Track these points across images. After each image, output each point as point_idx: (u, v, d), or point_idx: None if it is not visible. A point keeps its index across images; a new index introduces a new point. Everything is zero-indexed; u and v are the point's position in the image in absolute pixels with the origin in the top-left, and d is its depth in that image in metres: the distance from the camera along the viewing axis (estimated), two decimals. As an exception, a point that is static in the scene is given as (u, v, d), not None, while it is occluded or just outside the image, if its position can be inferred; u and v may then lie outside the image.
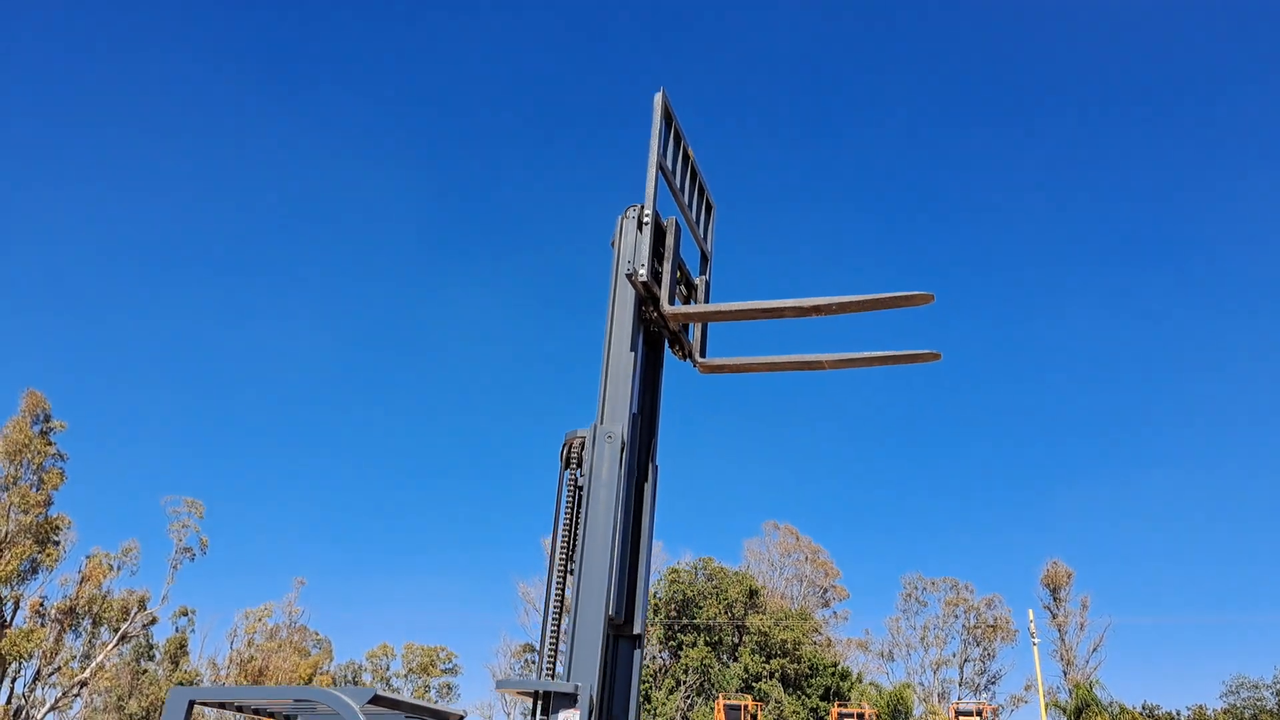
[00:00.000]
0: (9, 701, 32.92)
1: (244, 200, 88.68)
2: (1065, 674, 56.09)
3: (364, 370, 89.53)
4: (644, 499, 4.55)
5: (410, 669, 57.30)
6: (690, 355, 4.93)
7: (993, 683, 61.24)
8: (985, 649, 60.54)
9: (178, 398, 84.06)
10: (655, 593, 51.77)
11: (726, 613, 49.93)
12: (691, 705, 46.65)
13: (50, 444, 34.86)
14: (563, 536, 4.14)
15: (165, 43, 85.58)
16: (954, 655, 60.53)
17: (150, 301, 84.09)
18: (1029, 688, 57.30)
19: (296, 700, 5.71)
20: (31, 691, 34.23)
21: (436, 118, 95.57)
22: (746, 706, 37.30)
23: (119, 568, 36.02)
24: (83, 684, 34.97)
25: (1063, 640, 57.87)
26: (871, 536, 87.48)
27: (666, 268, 4.58)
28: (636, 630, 4.41)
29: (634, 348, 4.37)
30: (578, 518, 4.15)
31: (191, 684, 41.05)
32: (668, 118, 4.58)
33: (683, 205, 4.98)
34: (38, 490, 33.91)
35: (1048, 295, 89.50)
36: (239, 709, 5.98)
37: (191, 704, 5.39)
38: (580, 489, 4.16)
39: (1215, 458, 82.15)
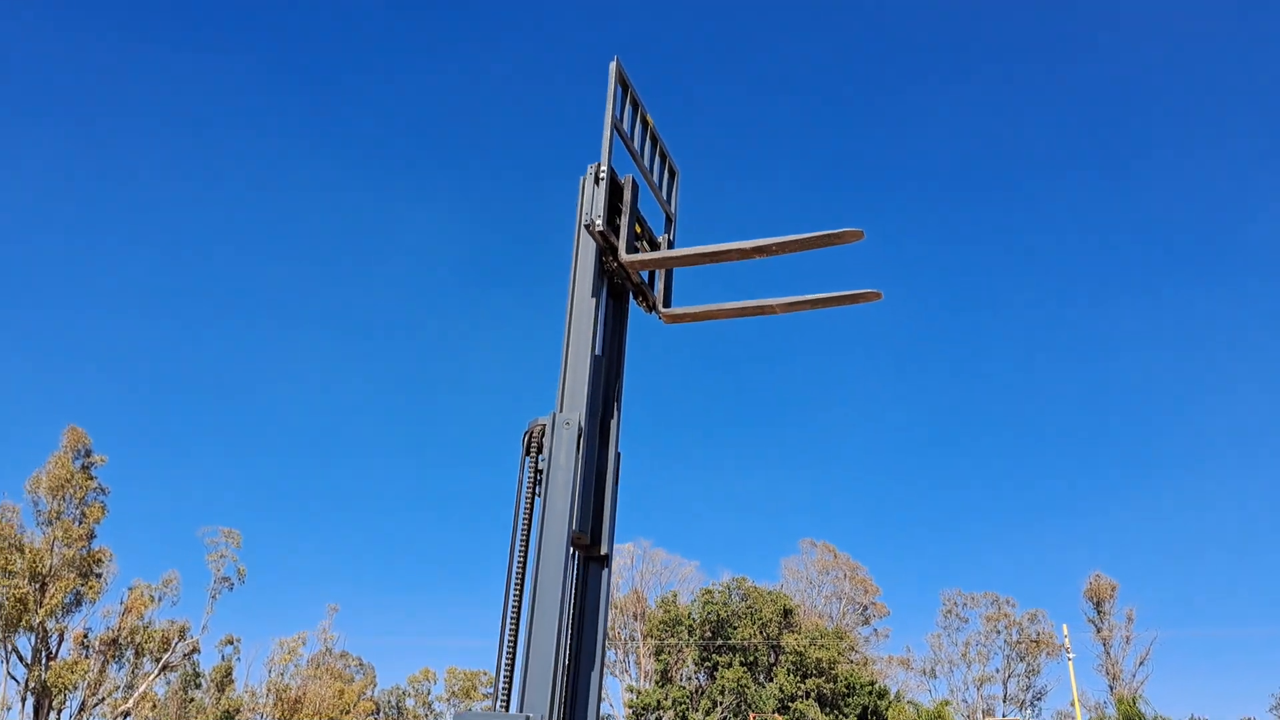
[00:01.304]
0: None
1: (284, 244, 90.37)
2: (1111, 688, 55.08)
3: (397, 404, 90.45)
4: (609, 435, 4.75)
5: (453, 693, 57.61)
6: (654, 307, 5.21)
7: (1038, 698, 60.22)
8: (1029, 664, 59.59)
9: (212, 428, 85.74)
10: (690, 614, 51.69)
11: (761, 633, 49.73)
12: (729, 726, 46.50)
13: (91, 478, 35.71)
14: (523, 521, 4.26)
15: (196, 91, 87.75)
16: (997, 671, 59.68)
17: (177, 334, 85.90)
18: (1074, 703, 56.39)
19: None
20: (77, 722, 35.00)
21: (476, 160, 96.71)
22: (779, 726, 37.11)
23: (160, 599, 36.78)
24: (126, 714, 35.69)
25: (1108, 654, 56.84)
26: (910, 553, 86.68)
27: (624, 221, 4.86)
28: (603, 550, 4.57)
29: (595, 294, 4.66)
30: (534, 503, 4.32)
31: (233, 714, 41.70)
32: (623, 84, 4.90)
33: (643, 168, 5.31)
34: (80, 524, 34.76)
35: (1089, 302, 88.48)
36: None
37: None
38: (540, 472, 4.33)
39: (1262, 468, 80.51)
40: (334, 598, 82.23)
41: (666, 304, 5.25)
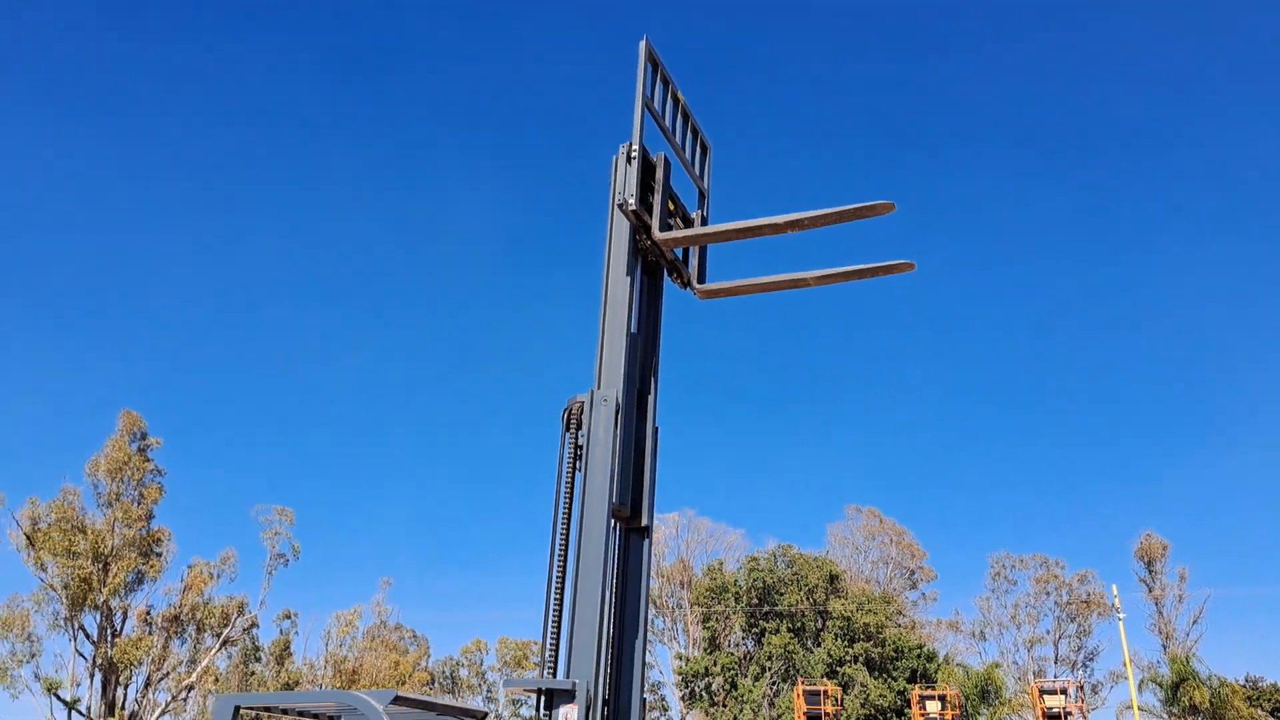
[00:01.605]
0: (124, 706, 34.80)
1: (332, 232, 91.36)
2: (1164, 648, 54.73)
3: (445, 381, 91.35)
4: (646, 409, 4.90)
5: (504, 662, 58.47)
6: (689, 283, 5.32)
7: (1090, 659, 60.03)
8: (1080, 625, 59.34)
9: (263, 409, 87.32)
10: (736, 581, 52.04)
11: (808, 599, 49.96)
12: (778, 692, 46.87)
13: (148, 460, 36.64)
14: (564, 495, 4.39)
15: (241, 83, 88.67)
16: (1048, 633, 59.49)
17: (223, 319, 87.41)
18: (1126, 663, 56.17)
19: (330, 703, 6.11)
20: (144, 696, 36.10)
21: (516, 141, 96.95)
22: (826, 691, 37.37)
23: (218, 576, 37.71)
24: (190, 688, 36.77)
25: (1160, 614, 56.46)
26: (957, 517, 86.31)
27: (656, 199, 4.94)
28: (644, 522, 4.71)
29: (629, 272, 4.76)
30: (574, 478, 4.46)
31: (293, 686, 42.75)
32: (653, 62, 4.95)
33: (675, 145, 5.35)
34: (138, 505, 35.71)
35: (1142, 254, 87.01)
36: (284, 712, 6.43)
37: (237, 709, 5.80)
38: (580, 448, 4.47)
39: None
40: (387, 572, 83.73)
41: (701, 280, 5.34)
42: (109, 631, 34.57)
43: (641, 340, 5.02)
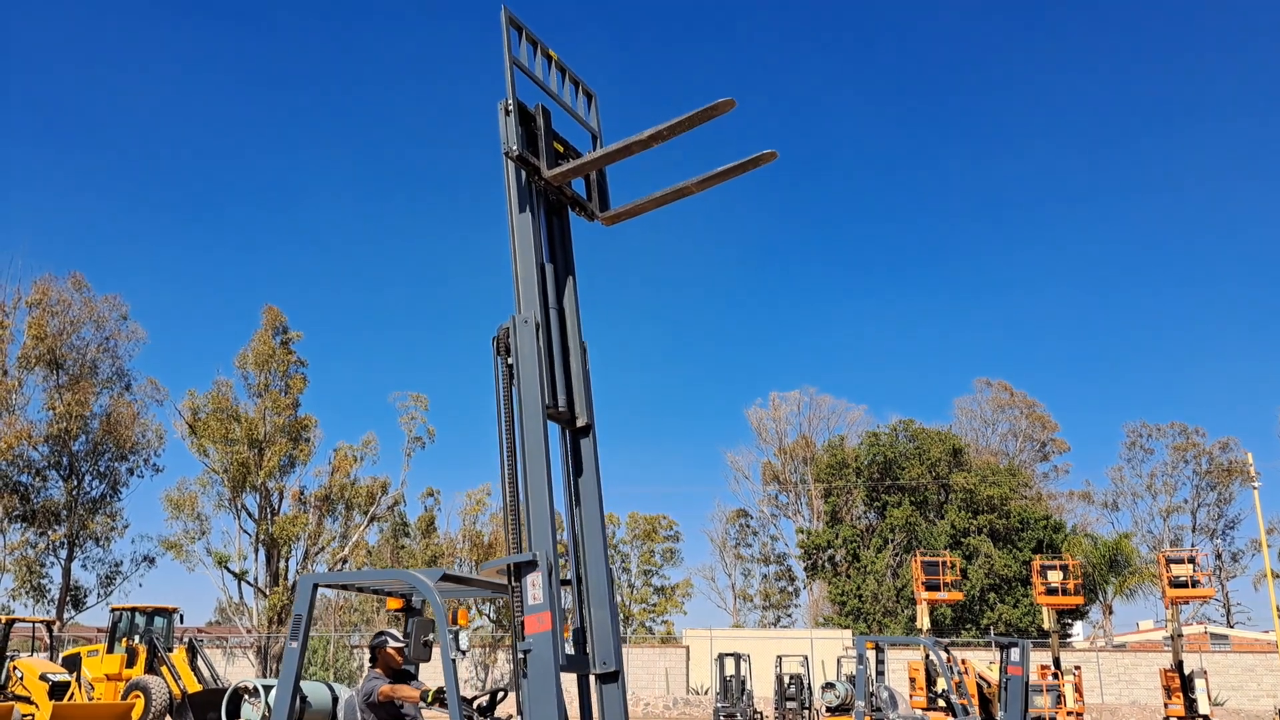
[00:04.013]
0: (286, 576, 38.17)
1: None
2: (1312, 516, 52.96)
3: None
4: (566, 326, 5.52)
5: (635, 535, 60.83)
6: (594, 214, 5.91)
7: (1230, 527, 58.61)
8: (1220, 493, 57.81)
9: (394, 303, 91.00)
10: (856, 455, 52.49)
11: (930, 472, 50.10)
12: (900, 563, 47.64)
13: (291, 353, 39.05)
14: (504, 416, 5.07)
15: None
16: (1185, 502, 58.19)
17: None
18: (1272, 531, 54.57)
19: (394, 581, 6.86)
20: (304, 568, 39.42)
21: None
22: (946, 561, 37.84)
23: (361, 458, 40.27)
24: (344, 560, 39.92)
25: (1307, 481, 54.44)
26: (1091, 388, 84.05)
27: (541, 144, 5.50)
28: (582, 422, 5.35)
29: (525, 209, 5.40)
30: (511, 397, 5.15)
31: (436, 559, 45.76)
32: (516, 26, 5.57)
33: (554, 95, 5.92)
34: (285, 395, 38.31)
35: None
36: (360, 590, 7.32)
37: (315, 587, 6.66)
38: (510, 366, 5.14)
39: None
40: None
41: (603, 209, 5.89)
42: (268, 510, 37.63)
43: (554, 268, 5.60)
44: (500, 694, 6.71)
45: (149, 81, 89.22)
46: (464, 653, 5.88)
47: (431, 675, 8.60)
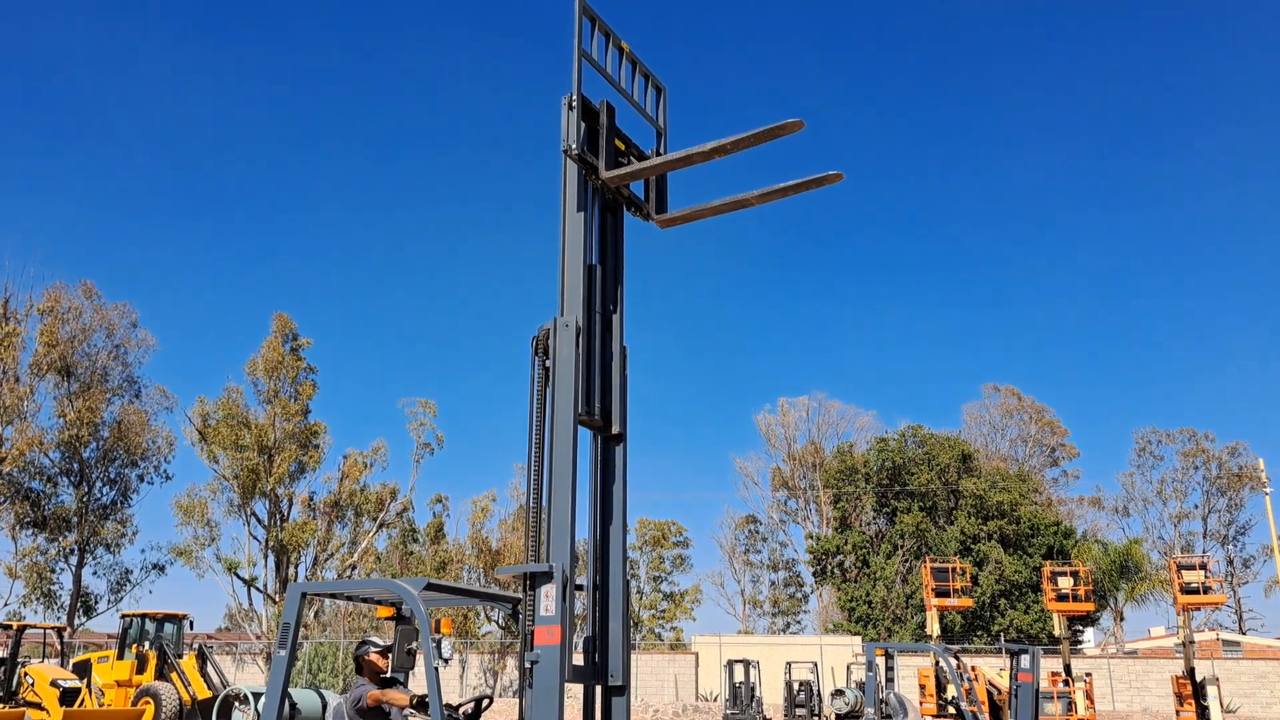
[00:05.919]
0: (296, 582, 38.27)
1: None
2: (1325, 522, 52.58)
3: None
4: (611, 331, 5.42)
5: (644, 541, 60.65)
6: (650, 215, 5.79)
7: (1241, 533, 58.27)
8: (1231, 499, 57.52)
9: (402, 308, 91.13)
10: (865, 461, 52.37)
11: (939, 478, 49.94)
12: (910, 569, 47.50)
13: (300, 359, 39.10)
14: (536, 419, 4.92)
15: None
16: (1195, 508, 57.91)
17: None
18: (1274, 537, 54.23)
19: (378, 590, 6.74)
20: (313, 574, 39.44)
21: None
22: (956, 567, 37.69)
23: (371, 464, 40.31)
24: (353, 566, 39.96)
25: (1319, 486, 54.08)
26: (1100, 394, 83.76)
27: (602, 142, 5.34)
28: (616, 430, 5.23)
29: (581, 209, 5.24)
30: (546, 396, 5.00)
31: (444, 566, 45.75)
32: (589, 17, 5.37)
33: (623, 90, 5.73)
34: (295, 401, 38.36)
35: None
36: (348, 599, 7.27)
37: (304, 596, 6.60)
38: (548, 370, 4.97)
39: None
40: (522, 458, 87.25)
41: (661, 211, 5.81)
42: (277, 517, 37.68)
43: (603, 270, 5.46)
44: (486, 701, 6.71)
45: (161, 89, 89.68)
46: (446, 661, 5.88)
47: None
